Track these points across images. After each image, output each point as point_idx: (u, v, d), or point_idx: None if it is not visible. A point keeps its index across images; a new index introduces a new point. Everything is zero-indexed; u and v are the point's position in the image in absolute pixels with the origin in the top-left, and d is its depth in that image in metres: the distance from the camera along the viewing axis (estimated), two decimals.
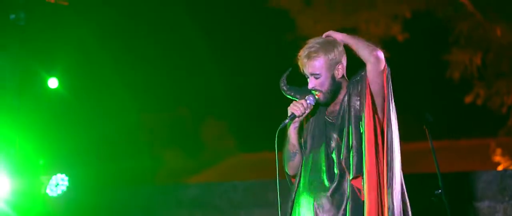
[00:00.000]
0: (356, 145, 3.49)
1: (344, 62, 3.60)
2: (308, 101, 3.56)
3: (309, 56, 3.57)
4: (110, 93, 9.14)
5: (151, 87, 11.74)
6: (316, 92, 3.58)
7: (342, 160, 3.53)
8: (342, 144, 3.54)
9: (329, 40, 3.59)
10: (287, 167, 3.74)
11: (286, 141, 3.70)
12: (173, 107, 13.12)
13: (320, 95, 3.58)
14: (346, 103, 3.57)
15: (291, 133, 3.67)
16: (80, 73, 7.08)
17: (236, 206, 7.24)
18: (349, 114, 3.54)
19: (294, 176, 3.77)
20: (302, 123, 3.73)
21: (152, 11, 10.98)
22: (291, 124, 3.64)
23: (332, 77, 3.59)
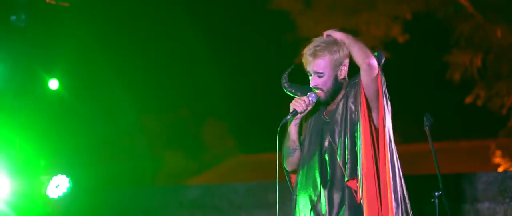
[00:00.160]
0: (351, 147, 3.51)
1: (347, 64, 3.62)
2: (310, 98, 3.58)
3: (315, 54, 3.59)
4: (111, 94, 9.14)
5: (152, 88, 11.74)
6: (318, 90, 3.60)
7: (338, 161, 3.54)
8: (338, 145, 3.56)
9: (335, 41, 3.61)
10: (286, 163, 3.76)
11: (286, 137, 3.72)
12: (174, 108, 13.12)
13: (321, 94, 3.60)
14: (343, 104, 3.59)
15: (292, 130, 3.69)
16: (81, 75, 7.09)
17: (237, 207, 7.24)
18: (345, 116, 3.57)
19: (293, 172, 3.79)
20: (302, 121, 3.75)
21: (153, 12, 10.98)
22: (293, 121, 3.66)
23: (335, 77, 3.61)
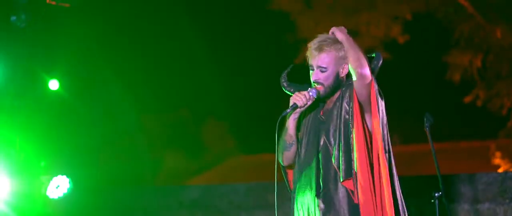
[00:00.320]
0: (345, 148, 3.51)
1: (348, 67, 3.63)
2: (311, 93, 3.59)
3: (321, 49, 3.59)
4: (111, 95, 9.15)
5: (152, 88, 11.75)
6: (318, 85, 3.60)
7: (332, 162, 3.55)
8: (333, 146, 3.56)
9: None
10: (282, 157, 3.75)
11: (284, 131, 3.71)
12: (174, 108, 13.13)
13: (321, 89, 3.60)
14: (338, 105, 3.60)
15: (290, 124, 3.69)
16: (81, 75, 7.09)
17: (237, 208, 7.24)
18: (340, 116, 3.57)
19: (289, 168, 3.79)
20: (301, 118, 3.76)
21: (153, 13, 10.99)
22: (292, 115, 3.66)
23: (337, 74, 3.62)
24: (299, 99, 3.57)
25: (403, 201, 3.58)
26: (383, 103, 3.56)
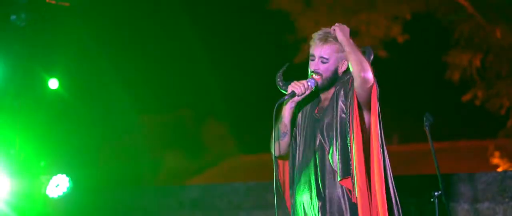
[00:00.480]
0: (341, 146, 3.51)
1: (346, 64, 3.63)
2: (309, 83, 3.59)
3: (326, 39, 3.60)
4: (111, 94, 9.14)
5: (152, 88, 11.75)
6: (317, 76, 3.60)
7: (329, 161, 3.54)
8: (329, 145, 3.55)
9: None
10: (275, 147, 3.73)
11: (279, 120, 3.70)
12: (174, 109, 13.14)
13: (319, 80, 3.60)
14: (334, 103, 3.59)
15: (286, 112, 3.68)
16: (81, 74, 7.09)
17: (237, 208, 7.24)
18: (336, 115, 3.57)
19: (280, 158, 3.79)
20: (296, 113, 3.75)
21: (153, 13, 10.99)
22: (288, 103, 3.66)
23: (336, 68, 3.63)
24: (298, 87, 3.56)
25: (398, 199, 3.58)
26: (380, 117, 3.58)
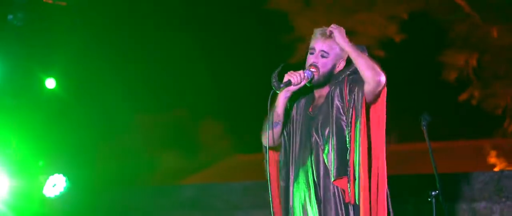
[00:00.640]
0: (337, 146, 3.50)
1: (344, 64, 3.64)
2: (306, 74, 3.58)
3: (329, 35, 3.62)
4: (108, 94, 9.13)
5: (149, 88, 11.73)
6: (314, 70, 3.59)
7: (323, 160, 3.54)
8: (323, 144, 3.55)
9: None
10: (265, 136, 3.73)
11: (272, 109, 3.69)
12: (171, 108, 13.11)
13: (316, 74, 3.60)
14: (329, 102, 3.59)
15: (280, 101, 3.67)
16: (78, 74, 7.07)
17: (234, 207, 7.25)
18: (331, 114, 3.56)
19: (270, 149, 3.78)
20: (290, 108, 3.74)
21: (150, 12, 10.98)
22: (283, 92, 3.63)
23: (333, 66, 3.65)
24: (294, 76, 3.55)
25: (389, 199, 3.59)
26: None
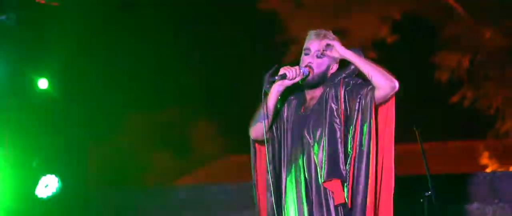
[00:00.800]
0: (328, 147, 3.50)
1: (336, 67, 3.67)
2: (302, 70, 3.58)
3: (325, 36, 3.64)
4: (100, 94, 9.10)
5: (141, 88, 11.71)
6: (310, 69, 3.59)
7: (315, 160, 3.54)
8: (314, 144, 3.55)
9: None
10: (253, 129, 3.73)
11: (263, 102, 3.66)
12: (163, 108, 13.09)
13: (311, 73, 3.60)
14: (323, 103, 3.59)
15: (273, 94, 3.64)
16: (70, 74, 7.06)
17: (227, 208, 7.24)
18: (325, 115, 3.56)
19: (257, 142, 3.79)
20: (281, 107, 3.73)
21: (141, 12, 10.96)
22: (276, 85, 3.61)
23: (327, 68, 3.65)
24: (290, 71, 3.54)
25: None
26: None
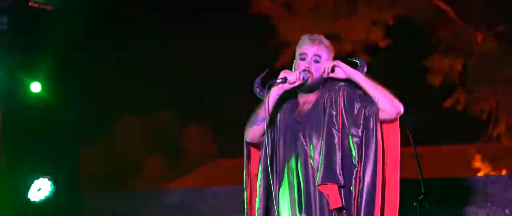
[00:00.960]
0: (326, 151, 3.49)
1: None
2: (302, 75, 3.57)
3: (320, 41, 3.65)
4: (93, 98, 9.10)
5: (134, 92, 11.72)
6: (309, 74, 3.59)
7: (311, 164, 3.54)
8: (311, 148, 3.55)
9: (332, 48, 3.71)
10: (248, 131, 3.72)
11: (260, 105, 3.66)
12: (155, 112, 13.10)
13: (310, 78, 3.60)
14: (320, 108, 3.58)
15: (272, 98, 3.62)
16: (63, 78, 7.04)
17: (219, 212, 7.23)
18: (323, 120, 3.55)
19: (251, 145, 3.79)
20: (275, 116, 3.72)
21: (135, 16, 10.97)
22: (276, 89, 3.60)
23: (323, 73, 3.63)
24: (291, 75, 3.54)
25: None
26: None
